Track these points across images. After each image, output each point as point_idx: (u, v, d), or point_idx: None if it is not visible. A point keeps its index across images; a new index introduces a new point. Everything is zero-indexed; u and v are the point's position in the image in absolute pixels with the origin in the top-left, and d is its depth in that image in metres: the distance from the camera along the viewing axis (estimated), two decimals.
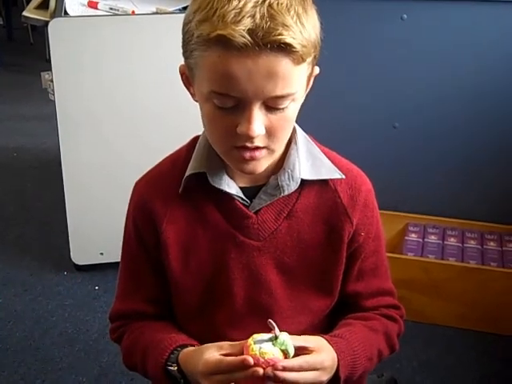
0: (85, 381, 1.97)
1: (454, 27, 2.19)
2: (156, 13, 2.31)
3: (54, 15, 2.29)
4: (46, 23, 2.29)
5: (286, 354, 0.88)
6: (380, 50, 2.27)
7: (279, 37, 0.80)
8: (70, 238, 2.46)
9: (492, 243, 2.33)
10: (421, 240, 2.35)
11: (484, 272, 2.15)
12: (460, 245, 2.33)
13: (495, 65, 2.20)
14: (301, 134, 1.03)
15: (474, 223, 2.42)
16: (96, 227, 2.43)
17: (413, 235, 2.38)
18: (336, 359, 0.95)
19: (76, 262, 2.52)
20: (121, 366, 2.01)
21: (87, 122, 2.31)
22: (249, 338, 0.90)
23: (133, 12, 2.29)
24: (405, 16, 2.20)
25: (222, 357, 0.89)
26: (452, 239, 2.36)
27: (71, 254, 2.50)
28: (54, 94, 2.30)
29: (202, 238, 1.02)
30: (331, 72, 2.26)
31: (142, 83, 2.27)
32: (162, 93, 2.27)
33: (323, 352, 0.93)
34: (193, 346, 1.00)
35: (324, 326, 1.09)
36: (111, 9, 2.29)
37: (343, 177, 1.02)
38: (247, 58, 0.81)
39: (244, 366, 0.85)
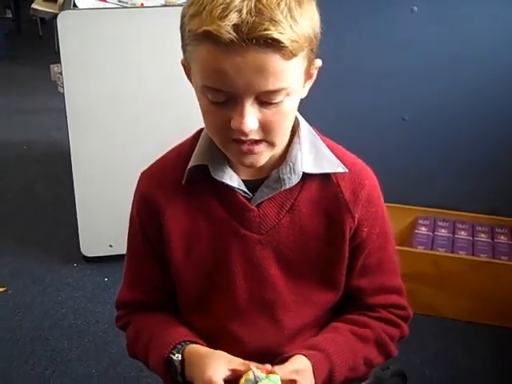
0: (94, 372, 1.97)
1: (465, 19, 2.18)
2: (165, 5, 2.30)
3: (63, 8, 2.30)
4: (55, 16, 2.29)
5: None
6: (390, 42, 2.26)
7: (265, 32, 0.78)
8: (79, 230, 2.47)
9: (502, 237, 2.32)
10: (431, 233, 2.34)
11: (494, 266, 2.14)
12: (470, 238, 2.32)
13: (506, 57, 2.19)
14: (305, 127, 1.02)
15: (484, 217, 2.41)
16: (105, 219, 2.43)
17: (423, 228, 2.37)
18: (313, 379, 0.95)
19: (85, 254, 2.53)
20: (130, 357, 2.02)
21: (96, 114, 2.31)
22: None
23: (142, 4, 2.29)
24: (415, 8, 2.18)
25: None
26: (462, 232, 2.34)
27: (80, 245, 2.51)
28: (63, 87, 2.30)
29: (203, 230, 1.01)
30: (341, 64, 2.26)
31: (150, 75, 2.27)
32: (170, 85, 2.27)
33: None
34: (199, 343, 1.00)
35: (328, 319, 1.09)
36: (120, 1, 2.29)
37: (346, 171, 1.01)
38: (235, 54, 0.80)
39: None
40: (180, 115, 2.28)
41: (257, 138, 0.88)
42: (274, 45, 0.80)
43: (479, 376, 1.97)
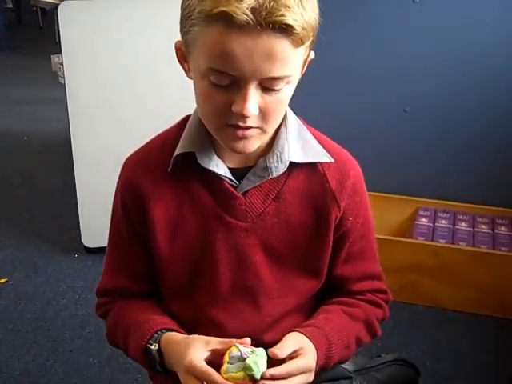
0: (96, 362, 1.98)
1: (466, 10, 2.17)
2: None
3: None
4: (56, 6, 2.29)
5: (252, 378, 0.87)
6: (392, 33, 2.26)
7: (281, 17, 0.80)
8: (80, 220, 2.48)
9: (503, 228, 2.33)
10: (431, 224, 2.34)
11: (495, 257, 2.14)
12: (471, 229, 2.32)
13: (508, 49, 2.18)
14: (292, 117, 1.02)
15: (484, 208, 2.41)
16: (106, 210, 2.40)
17: (423, 219, 2.37)
18: (316, 354, 0.96)
19: (86, 245, 2.53)
20: None
21: (97, 104, 2.31)
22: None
23: None
24: None
25: (208, 368, 0.89)
26: (463, 224, 2.35)
27: (82, 236, 2.51)
28: (63, 77, 2.30)
29: (189, 217, 1.01)
30: (343, 56, 2.26)
31: (152, 65, 2.26)
32: (173, 73, 2.26)
33: (309, 354, 0.94)
34: (176, 331, 1.00)
35: (311, 307, 1.10)
36: None
37: (332, 160, 1.01)
38: (247, 37, 0.80)
39: None
40: (182, 104, 2.27)
41: (254, 124, 0.89)
42: (287, 31, 0.81)
43: (481, 367, 1.97)
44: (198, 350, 0.91)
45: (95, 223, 2.49)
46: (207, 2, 0.82)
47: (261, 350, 0.90)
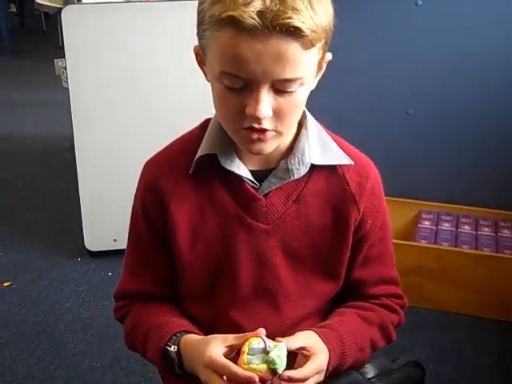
0: (99, 366, 1.98)
1: (470, 12, 2.17)
2: None
3: (67, 2, 2.29)
4: (59, 10, 2.29)
5: (274, 371, 0.88)
6: (394, 35, 2.26)
7: (288, 20, 0.80)
8: (83, 224, 2.48)
9: (506, 231, 2.32)
10: (434, 227, 2.34)
11: (498, 260, 2.14)
12: (474, 232, 2.31)
13: (511, 51, 2.18)
14: (311, 120, 1.03)
15: (487, 211, 2.40)
16: (109, 214, 2.44)
17: (426, 222, 2.37)
18: (328, 354, 0.96)
19: (90, 249, 2.53)
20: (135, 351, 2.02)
21: (101, 108, 2.31)
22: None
23: None
24: (420, 2, 2.18)
25: (228, 361, 0.89)
26: (466, 227, 2.34)
27: (85, 240, 2.51)
28: (67, 81, 2.30)
29: (210, 219, 1.02)
30: (345, 57, 2.25)
31: (155, 70, 2.27)
32: (175, 78, 2.27)
33: (320, 354, 0.94)
34: (195, 333, 1.01)
35: (328, 310, 1.10)
36: None
37: (352, 163, 1.02)
38: (257, 40, 0.81)
39: (248, 382, 0.87)
40: (184, 109, 2.28)
41: (268, 127, 0.89)
42: (296, 33, 0.82)
43: (484, 370, 1.97)
44: (216, 346, 0.92)
45: (98, 227, 2.50)
46: (217, 6, 0.83)
47: (283, 345, 0.90)
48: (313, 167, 1.01)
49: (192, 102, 2.25)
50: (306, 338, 0.95)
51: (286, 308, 1.05)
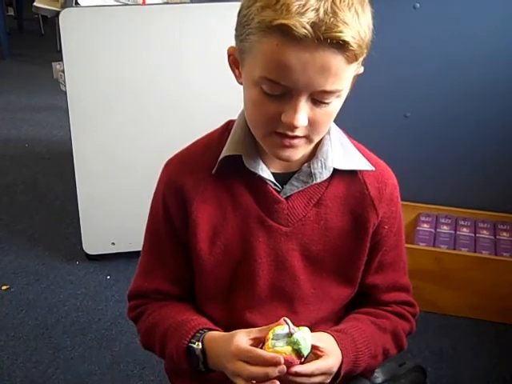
0: (97, 369, 1.98)
1: (467, 16, 2.17)
2: (167, 2, 2.31)
3: (65, 5, 2.30)
4: (57, 13, 2.29)
5: (298, 352, 0.89)
6: (392, 39, 2.26)
7: (340, 34, 0.81)
8: (81, 227, 2.47)
9: (505, 234, 2.32)
10: (433, 230, 2.34)
11: (496, 262, 2.14)
12: (472, 235, 2.32)
13: (509, 53, 2.18)
14: (333, 126, 1.04)
15: (486, 213, 2.40)
16: (107, 217, 2.43)
17: (425, 225, 2.37)
18: (341, 359, 0.97)
19: (88, 252, 2.53)
20: (133, 354, 2.03)
21: (99, 112, 2.31)
22: (273, 322, 0.92)
23: (144, 2, 2.29)
24: (417, 5, 2.18)
25: (254, 348, 0.91)
26: (464, 229, 2.34)
27: (83, 243, 2.51)
28: (65, 85, 2.30)
29: (231, 219, 1.03)
30: None
31: (153, 73, 2.26)
32: (173, 82, 2.27)
33: (332, 356, 0.95)
34: (217, 330, 1.01)
35: (342, 315, 1.11)
36: None
37: (373, 168, 1.04)
38: (305, 50, 0.82)
39: (274, 362, 0.87)
40: (183, 113, 2.28)
41: (301, 134, 0.90)
42: (344, 47, 0.83)
43: (483, 373, 1.97)
44: (241, 337, 0.93)
45: (96, 230, 2.50)
46: (268, 12, 0.83)
47: (306, 329, 0.92)
48: (334, 172, 1.02)
49: (190, 104, 2.25)
50: (321, 339, 0.96)
51: (302, 311, 1.06)
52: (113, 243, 2.47)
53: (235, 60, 0.94)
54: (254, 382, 0.90)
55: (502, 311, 2.15)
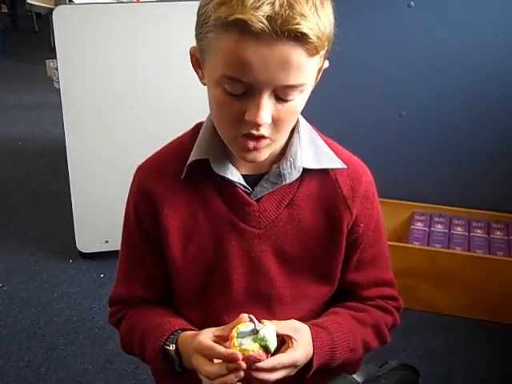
0: (90, 368, 1.97)
1: (462, 14, 2.17)
2: (161, 0, 2.29)
3: (58, 2, 2.28)
4: (51, 11, 2.28)
5: (266, 348, 0.89)
6: (387, 38, 2.26)
7: (296, 26, 0.80)
8: (75, 226, 2.47)
9: (499, 232, 2.33)
10: (427, 229, 2.35)
11: (490, 261, 2.14)
12: (466, 234, 2.32)
13: (504, 51, 2.18)
14: (303, 124, 1.03)
15: (480, 212, 2.41)
16: (101, 215, 2.43)
17: (419, 224, 2.37)
18: (311, 352, 0.97)
19: (81, 250, 2.52)
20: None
21: (92, 110, 2.30)
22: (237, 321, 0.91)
23: None
24: (412, 3, 2.18)
25: (215, 344, 0.90)
26: (458, 228, 2.35)
27: (76, 242, 2.50)
28: (58, 82, 2.29)
29: (203, 224, 1.02)
30: (338, 61, 2.25)
31: (146, 71, 2.26)
32: (166, 80, 2.26)
33: (299, 349, 0.94)
34: (192, 330, 1.00)
35: (323, 313, 1.10)
36: None
37: (344, 166, 1.02)
38: (263, 45, 0.81)
39: (232, 359, 0.87)
40: (176, 111, 2.27)
41: (266, 134, 0.89)
42: (302, 39, 0.81)
43: (477, 372, 1.97)
44: (205, 334, 0.93)
45: (90, 228, 2.49)
46: (223, 9, 0.81)
47: (270, 324, 0.91)
48: (305, 171, 1.00)
49: (184, 104, 2.25)
50: (300, 329, 0.96)
51: (280, 311, 1.05)
52: (106, 241, 2.46)
53: (197, 60, 0.93)
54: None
55: (496, 310, 2.15)
